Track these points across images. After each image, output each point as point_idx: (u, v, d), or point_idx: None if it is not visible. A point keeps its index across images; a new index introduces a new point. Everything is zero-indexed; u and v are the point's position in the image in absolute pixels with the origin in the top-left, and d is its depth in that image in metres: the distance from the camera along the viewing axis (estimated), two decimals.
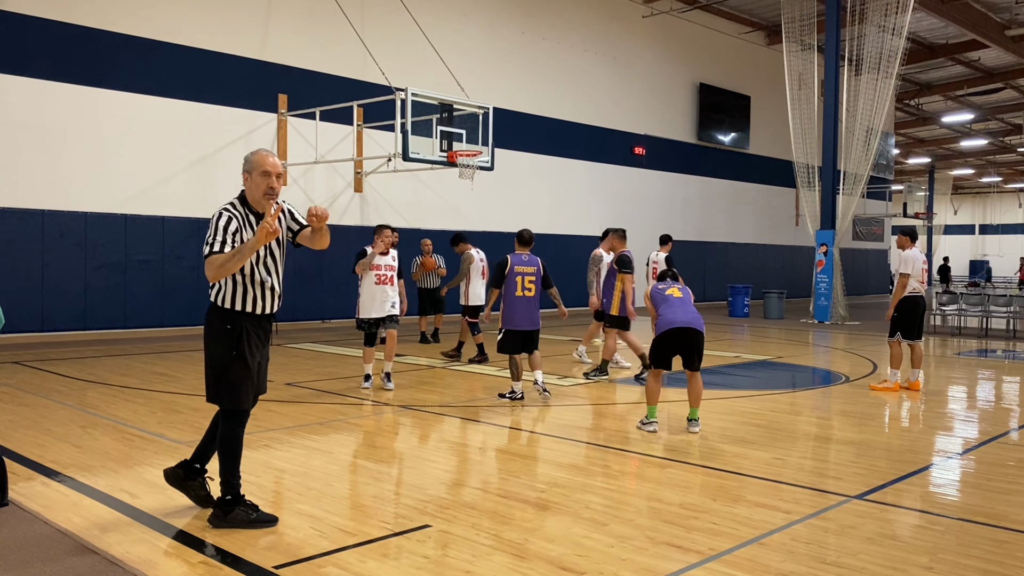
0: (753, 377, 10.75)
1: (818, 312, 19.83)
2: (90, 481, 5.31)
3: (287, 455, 6.01)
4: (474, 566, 3.93)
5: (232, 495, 4.43)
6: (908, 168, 48.72)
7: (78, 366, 10.61)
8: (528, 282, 8.48)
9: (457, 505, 4.88)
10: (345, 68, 16.91)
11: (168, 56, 14.67)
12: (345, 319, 17.20)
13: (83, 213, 13.72)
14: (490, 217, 19.47)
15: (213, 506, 4.52)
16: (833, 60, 19.52)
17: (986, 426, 7.64)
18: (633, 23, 23.38)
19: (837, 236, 19.81)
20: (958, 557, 4.13)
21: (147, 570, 3.85)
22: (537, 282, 8.53)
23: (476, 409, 8.09)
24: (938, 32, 26.49)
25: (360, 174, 17.29)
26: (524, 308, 8.43)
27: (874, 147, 19.76)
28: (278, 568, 3.88)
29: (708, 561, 4.02)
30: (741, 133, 27.23)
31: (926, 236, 50.32)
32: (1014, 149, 42.99)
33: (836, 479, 5.64)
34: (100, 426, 6.99)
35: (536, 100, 20.74)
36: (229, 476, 4.44)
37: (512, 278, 8.40)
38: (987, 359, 13.03)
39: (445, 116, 14.51)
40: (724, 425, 7.36)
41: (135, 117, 14.30)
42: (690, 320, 7.03)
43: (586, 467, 5.85)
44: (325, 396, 8.63)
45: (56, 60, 13.45)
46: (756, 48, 27.32)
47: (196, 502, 4.74)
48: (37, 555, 4.01)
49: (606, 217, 22.53)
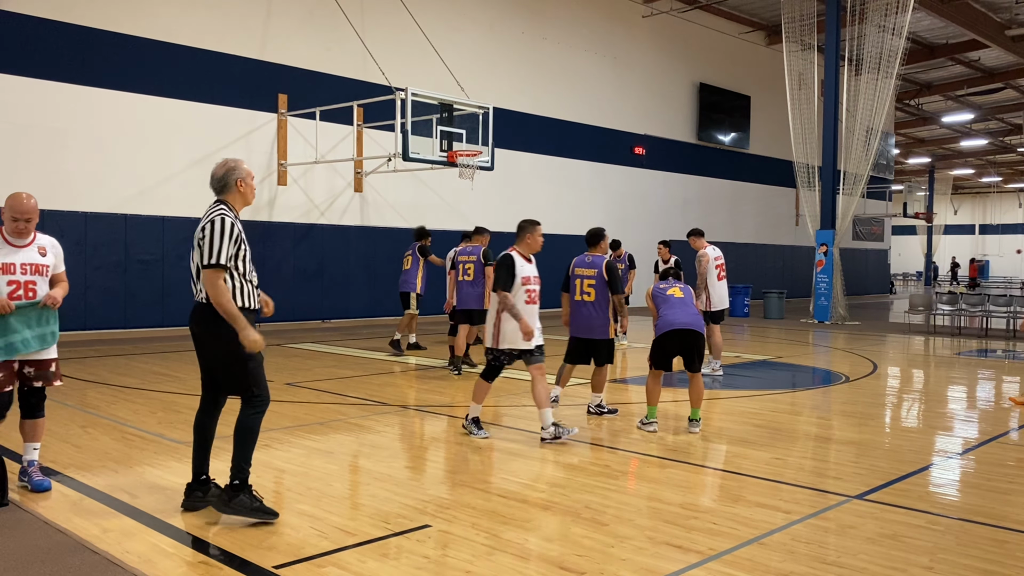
0: (753, 377, 10.74)
1: (818, 312, 19.83)
2: (90, 481, 5.31)
3: (287, 455, 6.01)
4: (474, 566, 3.92)
5: (241, 480, 4.51)
6: (908, 168, 48.73)
7: (78, 366, 10.60)
8: (587, 286, 7.53)
9: (457, 505, 4.88)
10: (345, 68, 16.91)
11: (168, 56, 14.67)
12: (345, 319, 17.21)
13: (83, 213, 13.72)
14: (490, 217, 19.44)
15: (220, 490, 4.58)
16: (833, 60, 19.52)
17: (986, 426, 7.63)
18: (633, 23, 23.38)
19: (837, 236, 19.81)
20: (958, 557, 4.13)
21: (147, 570, 3.84)
22: (597, 286, 7.46)
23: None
24: (938, 32, 26.49)
25: (360, 174, 17.29)
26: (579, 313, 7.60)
27: (874, 147, 19.76)
28: (278, 568, 3.88)
29: (708, 561, 4.02)
30: (741, 133, 27.23)
31: (926, 236, 50.37)
32: (1014, 149, 43.00)
33: (836, 479, 5.64)
34: (100, 426, 6.99)
35: (536, 100, 20.74)
36: (243, 462, 4.53)
37: (572, 281, 7.65)
38: (987, 359, 13.03)
39: (445, 116, 14.51)
40: (724, 425, 7.36)
41: (135, 117, 14.30)
42: (690, 321, 7.02)
43: (586, 467, 5.85)
44: (325, 396, 8.63)
45: (56, 60, 13.45)
46: (756, 48, 27.32)
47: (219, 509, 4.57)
48: (37, 555, 4.01)
49: (606, 217, 22.54)
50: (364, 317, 17.40)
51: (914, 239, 56.15)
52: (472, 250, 10.42)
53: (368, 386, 9.35)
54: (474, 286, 10.26)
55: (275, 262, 16.05)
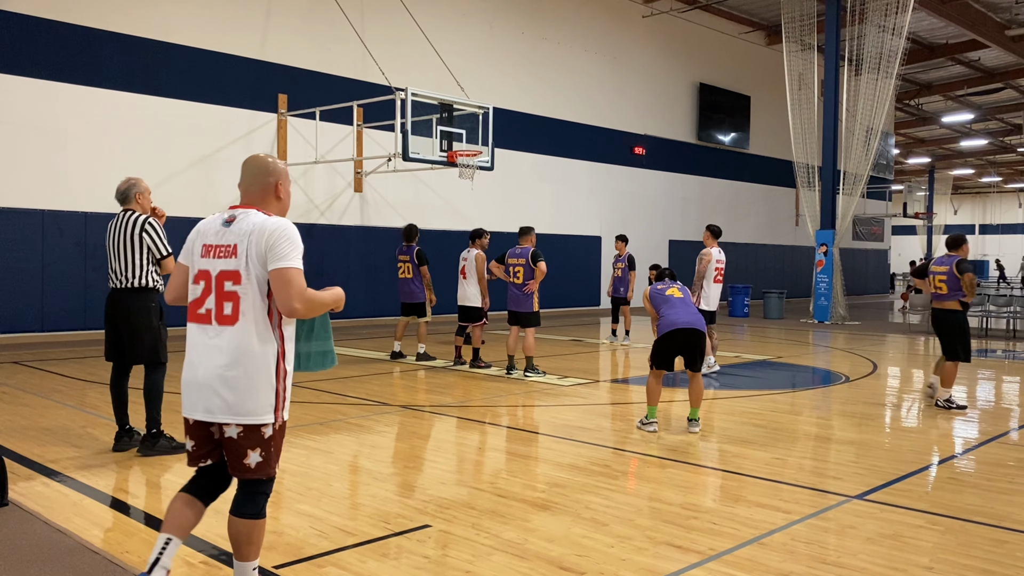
0: (753, 377, 10.74)
1: (818, 312, 19.83)
2: (90, 481, 5.31)
3: (287, 455, 6.00)
4: (474, 566, 3.93)
5: (157, 429, 6.03)
6: (908, 168, 48.73)
7: (78, 366, 10.60)
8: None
9: (457, 505, 4.88)
10: (345, 68, 16.91)
11: (168, 56, 14.67)
12: (345, 319, 17.20)
13: (83, 213, 13.71)
14: (490, 217, 19.46)
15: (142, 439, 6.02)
16: (833, 60, 19.52)
17: (986, 426, 7.63)
18: (633, 23, 23.38)
19: (837, 236, 19.81)
20: (958, 557, 4.13)
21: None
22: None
23: (476, 409, 8.09)
24: (938, 32, 26.48)
25: (360, 174, 17.29)
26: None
27: (874, 147, 19.76)
28: (278, 568, 3.88)
29: (708, 561, 4.02)
30: (741, 133, 27.23)
31: (926, 236, 50.39)
32: (1014, 149, 43.00)
33: (836, 479, 5.64)
34: (100, 426, 6.99)
35: (536, 100, 20.74)
36: (157, 414, 6.04)
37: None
38: (987, 359, 13.03)
39: (445, 116, 14.51)
40: (724, 425, 7.36)
41: (135, 117, 14.30)
42: (692, 321, 7.02)
43: (586, 467, 5.85)
44: (325, 396, 8.63)
45: (56, 60, 13.45)
46: (756, 48, 27.31)
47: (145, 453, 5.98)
48: (37, 555, 4.01)
49: (606, 217, 22.56)
50: (364, 317, 17.40)
51: (914, 239, 56.15)
52: (521, 252, 10.12)
53: (368, 386, 9.35)
54: (522, 288, 10.05)
55: None
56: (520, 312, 10.09)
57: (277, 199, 3.40)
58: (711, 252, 10.41)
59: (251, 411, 3.15)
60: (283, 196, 3.42)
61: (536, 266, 9.91)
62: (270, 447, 3.22)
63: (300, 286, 3.14)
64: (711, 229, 10.68)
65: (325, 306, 3.31)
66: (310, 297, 3.19)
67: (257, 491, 3.28)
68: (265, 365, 3.17)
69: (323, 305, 3.29)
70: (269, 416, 3.18)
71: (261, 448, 3.20)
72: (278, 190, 3.39)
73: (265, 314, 3.17)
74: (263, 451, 3.20)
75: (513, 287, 10.14)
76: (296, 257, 3.18)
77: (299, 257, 3.20)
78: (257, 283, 3.17)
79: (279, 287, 3.13)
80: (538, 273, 9.92)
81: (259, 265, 3.16)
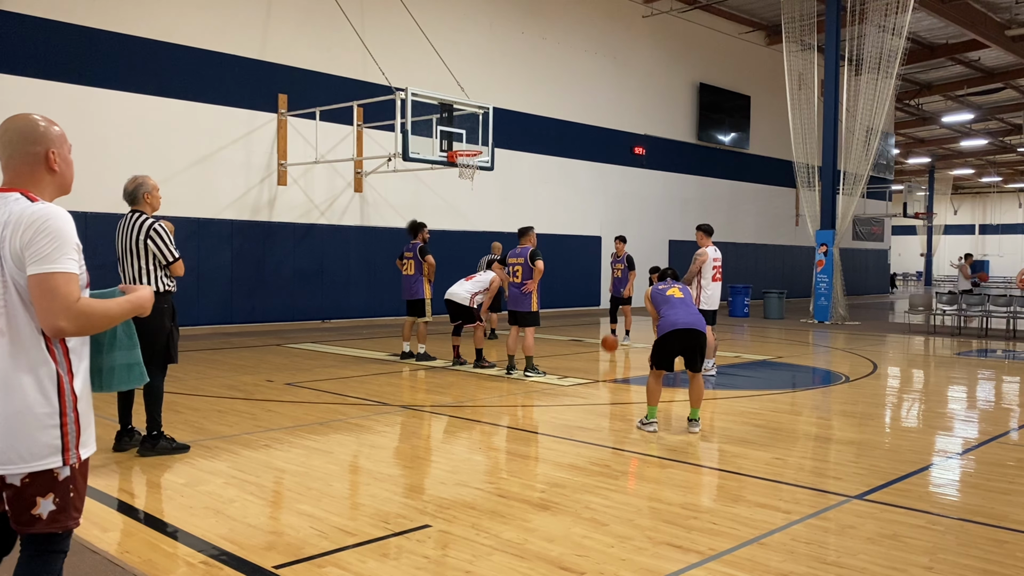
0: (753, 377, 10.74)
1: (818, 312, 19.83)
2: (90, 481, 5.29)
3: (287, 455, 6.01)
4: (474, 566, 3.92)
5: (159, 431, 6.02)
6: (908, 168, 48.73)
7: None
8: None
9: (457, 505, 4.88)
10: (345, 68, 16.91)
11: (168, 56, 14.67)
12: (345, 319, 17.21)
13: (83, 213, 13.71)
14: (490, 217, 19.47)
15: (143, 440, 6.01)
16: (833, 60, 19.52)
17: (986, 426, 7.63)
18: (633, 23, 23.38)
19: (837, 236, 19.81)
20: (958, 557, 4.13)
21: (147, 570, 3.85)
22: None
23: (476, 409, 8.09)
24: (938, 32, 26.49)
25: (360, 174, 17.29)
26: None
27: (874, 147, 19.77)
28: (278, 568, 3.88)
29: (708, 561, 4.02)
30: (741, 133, 27.24)
31: (926, 236, 50.40)
32: (1014, 149, 43.00)
33: (836, 479, 5.64)
34: (100, 426, 6.96)
35: (536, 100, 20.74)
36: (158, 416, 5.99)
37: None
38: (987, 359, 13.03)
39: (445, 116, 14.51)
40: (724, 425, 7.36)
41: (135, 117, 14.30)
42: (693, 321, 7.02)
43: (586, 467, 5.85)
44: (325, 396, 8.63)
45: (56, 60, 13.45)
46: (756, 48, 27.32)
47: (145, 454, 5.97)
48: None
49: (606, 217, 22.56)
50: (364, 317, 17.41)
51: (914, 239, 56.18)
52: (521, 251, 10.14)
53: (368, 386, 9.35)
54: (521, 288, 10.05)
55: (275, 262, 16.06)
56: (519, 312, 10.10)
57: (51, 172, 2.64)
58: (706, 251, 10.43)
59: (24, 457, 2.36)
60: (59, 167, 2.65)
61: (534, 265, 9.93)
62: (68, 491, 2.45)
63: (67, 297, 2.35)
64: (703, 228, 10.71)
65: (112, 320, 2.50)
66: (84, 311, 2.38)
67: (49, 549, 2.50)
68: (37, 397, 2.39)
69: (108, 319, 2.48)
70: (55, 459, 2.40)
71: (55, 494, 2.42)
72: (50, 161, 2.61)
73: (34, 330, 2.40)
74: (57, 497, 2.43)
75: (513, 286, 10.17)
76: (62, 257, 2.41)
77: (67, 257, 2.43)
78: (17, 292, 2.40)
79: (38, 299, 2.35)
80: (536, 272, 9.93)
81: (16, 268, 2.40)
